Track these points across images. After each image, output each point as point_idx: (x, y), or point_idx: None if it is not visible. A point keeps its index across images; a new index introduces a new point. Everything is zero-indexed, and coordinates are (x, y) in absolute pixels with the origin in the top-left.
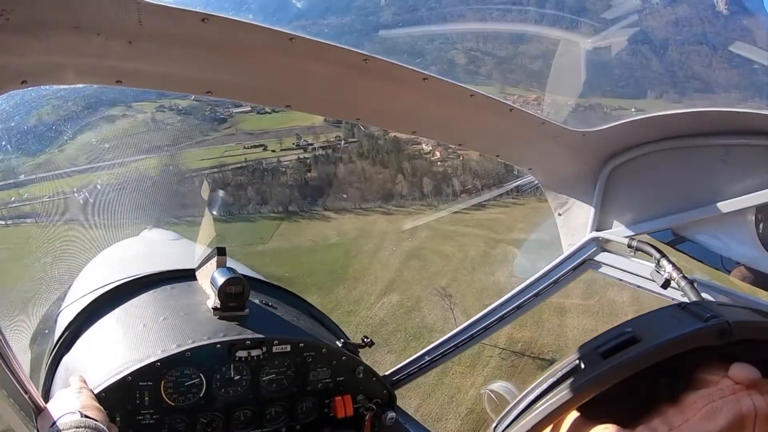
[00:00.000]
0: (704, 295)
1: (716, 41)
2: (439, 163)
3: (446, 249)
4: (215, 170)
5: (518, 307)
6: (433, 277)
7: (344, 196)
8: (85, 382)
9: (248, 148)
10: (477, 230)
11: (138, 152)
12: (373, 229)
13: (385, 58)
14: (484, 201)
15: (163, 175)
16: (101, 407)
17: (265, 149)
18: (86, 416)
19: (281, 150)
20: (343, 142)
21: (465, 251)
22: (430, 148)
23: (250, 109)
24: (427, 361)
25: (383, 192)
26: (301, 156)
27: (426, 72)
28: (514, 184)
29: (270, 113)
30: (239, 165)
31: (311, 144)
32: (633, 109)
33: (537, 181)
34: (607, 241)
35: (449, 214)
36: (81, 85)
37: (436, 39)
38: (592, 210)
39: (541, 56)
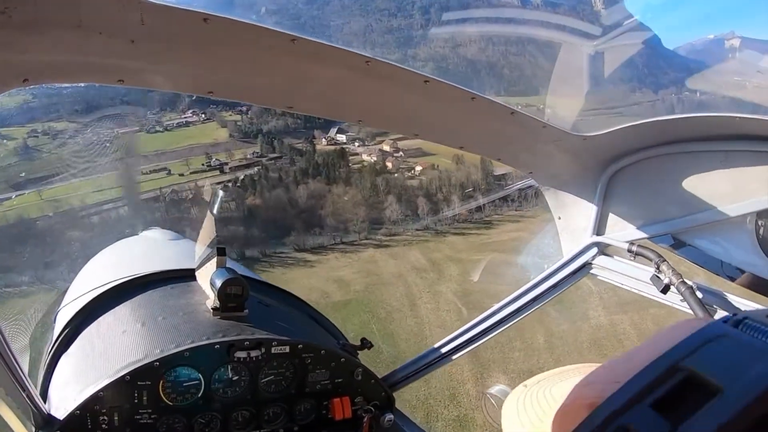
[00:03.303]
0: (704, 300)
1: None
2: (396, 174)
3: (501, 288)
4: (117, 204)
5: (517, 311)
6: (532, 343)
7: (316, 230)
8: None
9: (148, 173)
10: (512, 257)
11: (9, 188)
12: (380, 271)
13: (387, 60)
14: (486, 217)
15: (47, 216)
16: None
17: (170, 173)
18: None
19: (191, 173)
20: (264, 158)
21: None
22: (374, 159)
23: (138, 128)
24: (426, 364)
25: (362, 217)
26: (225, 180)
27: (428, 74)
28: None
29: (162, 132)
30: (149, 195)
31: (225, 163)
32: (540, 106)
33: (537, 185)
34: (608, 245)
35: (464, 239)
36: (83, 85)
37: None
38: (592, 214)
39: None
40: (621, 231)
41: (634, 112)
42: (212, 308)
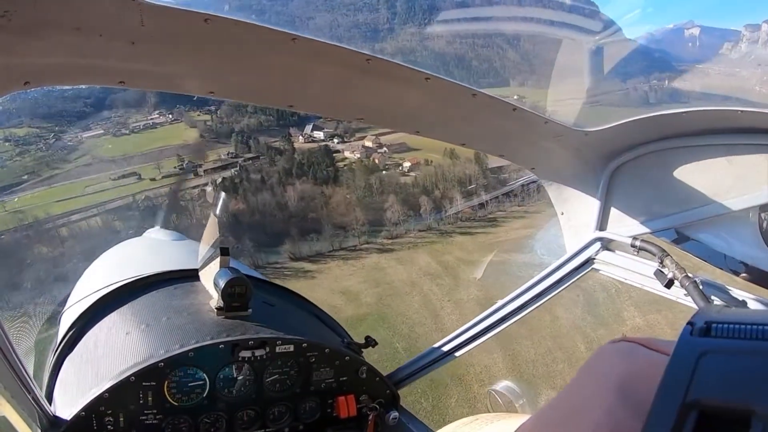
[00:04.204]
0: (707, 294)
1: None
2: (386, 171)
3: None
4: (89, 213)
5: (521, 307)
6: (574, 353)
7: (311, 235)
8: None
9: (117, 179)
10: (527, 257)
11: None
12: (390, 279)
13: (387, 58)
14: (490, 215)
15: (10, 231)
16: None
17: (140, 179)
18: None
19: (162, 177)
20: (241, 159)
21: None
22: (357, 156)
23: (103, 131)
24: (431, 361)
25: (359, 220)
26: (201, 183)
27: (429, 72)
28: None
29: (129, 134)
30: (121, 203)
31: (199, 165)
32: (515, 96)
33: (539, 180)
34: (611, 240)
35: (472, 239)
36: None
37: None
38: (595, 209)
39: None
40: (624, 226)
41: (608, 101)
42: (216, 308)
